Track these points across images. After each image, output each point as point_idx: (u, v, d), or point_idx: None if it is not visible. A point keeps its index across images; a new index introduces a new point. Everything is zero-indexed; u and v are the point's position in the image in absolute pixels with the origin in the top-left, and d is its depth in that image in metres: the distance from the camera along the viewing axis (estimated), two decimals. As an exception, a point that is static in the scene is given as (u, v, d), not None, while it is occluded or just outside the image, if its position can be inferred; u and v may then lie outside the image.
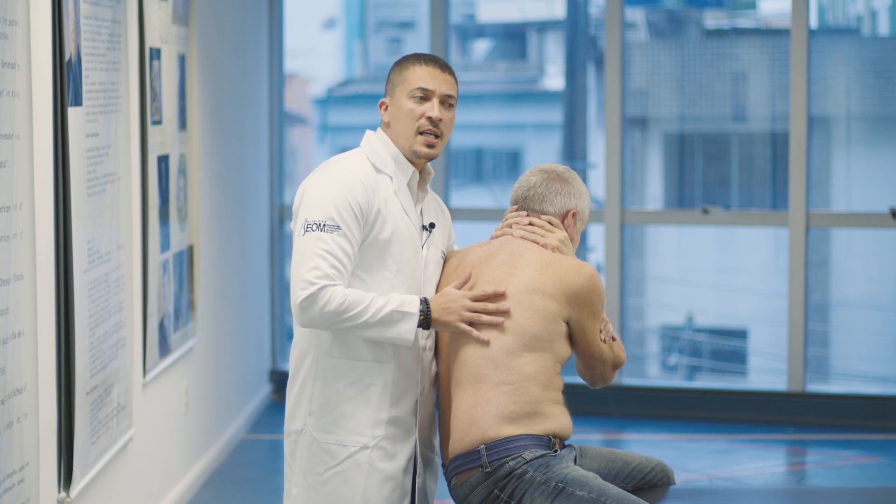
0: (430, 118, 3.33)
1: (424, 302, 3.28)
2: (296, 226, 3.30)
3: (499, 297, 3.33)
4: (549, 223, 3.52)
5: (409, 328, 3.23)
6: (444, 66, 3.38)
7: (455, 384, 3.35)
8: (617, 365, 3.52)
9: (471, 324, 3.32)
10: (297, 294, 3.19)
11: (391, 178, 3.36)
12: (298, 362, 3.39)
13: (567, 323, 3.37)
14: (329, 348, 3.33)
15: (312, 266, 3.19)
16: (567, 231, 3.53)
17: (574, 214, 3.54)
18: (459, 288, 3.35)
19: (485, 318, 3.30)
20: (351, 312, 3.20)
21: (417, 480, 3.38)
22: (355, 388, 3.32)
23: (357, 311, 3.20)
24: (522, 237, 3.49)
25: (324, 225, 3.23)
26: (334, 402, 3.32)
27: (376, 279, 3.30)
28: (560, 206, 3.53)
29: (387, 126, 3.41)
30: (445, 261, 3.51)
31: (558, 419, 3.35)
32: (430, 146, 3.36)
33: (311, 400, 3.35)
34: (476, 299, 3.31)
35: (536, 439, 3.30)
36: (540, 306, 3.33)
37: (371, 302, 3.21)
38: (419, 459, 3.39)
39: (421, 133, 3.35)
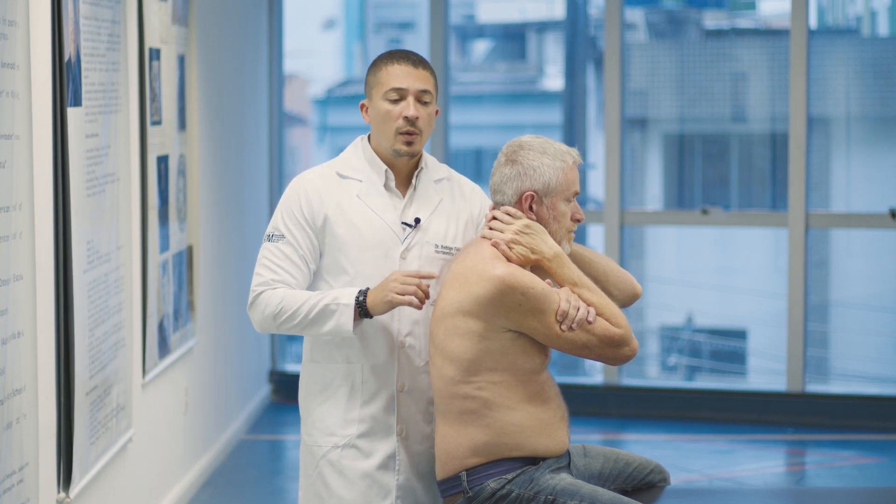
0: (406, 118, 3.30)
1: (363, 292, 3.24)
2: None
3: (429, 276, 3.19)
4: (508, 214, 3.26)
5: (346, 319, 3.22)
6: (417, 62, 3.33)
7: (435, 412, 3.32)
8: (612, 342, 3.18)
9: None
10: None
11: (360, 181, 3.36)
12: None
13: (514, 330, 3.16)
14: (310, 354, 3.42)
15: (255, 275, 3.35)
16: (537, 215, 3.26)
17: (531, 196, 3.24)
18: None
19: (410, 288, 3.15)
20: (289, 312, 3.27)
21: (398, 478, 3.35)
22: (327, 391, 3.37)
23: (294, 310, 3.26)
24: (482, 237, 3.30)
25: (271, 236, 3.36)
26: (311, 405, 3.40)
27: (339, 282, 3.33)
28: (512, 192, 3.26)
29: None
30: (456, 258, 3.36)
31: (539, 439, 3.22)
32: (410, 144, 3.33)
33: (300, 405, 3.46)
34: (409, 276, 3.20)
35: (519, 460, 3.22)
36: (464, 328, 3.16)
37: (308, 299, 3.26)
38: (399, 456, 3.36)
39: (400, 133, 3.32)
